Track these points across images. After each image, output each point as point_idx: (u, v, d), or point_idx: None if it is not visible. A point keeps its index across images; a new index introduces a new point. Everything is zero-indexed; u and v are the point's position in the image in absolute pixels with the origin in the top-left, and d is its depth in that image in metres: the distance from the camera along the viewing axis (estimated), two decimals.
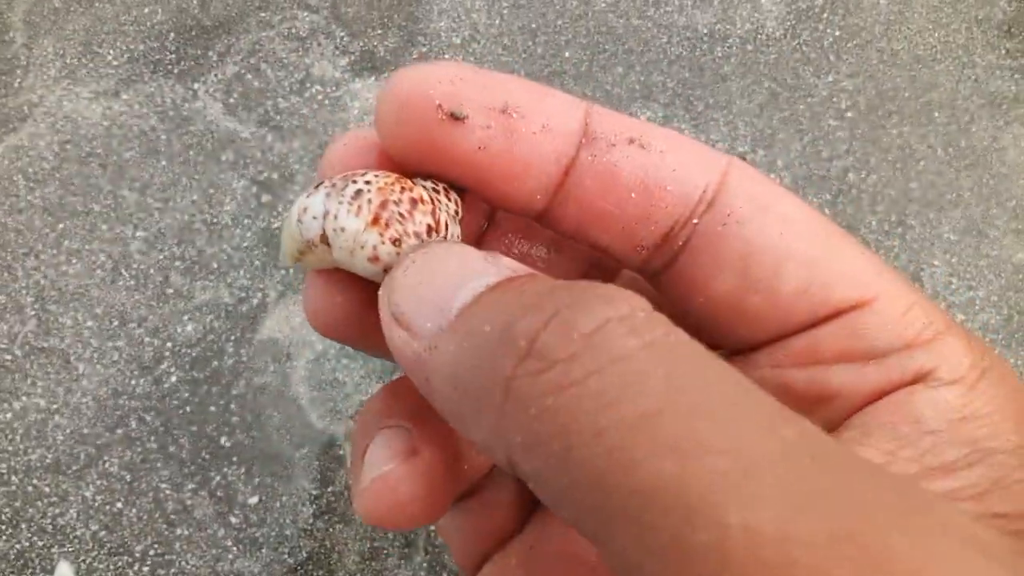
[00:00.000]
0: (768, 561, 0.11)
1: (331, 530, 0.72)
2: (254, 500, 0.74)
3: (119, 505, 0.75)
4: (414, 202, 0.18)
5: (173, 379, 0.79)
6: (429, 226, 0.18)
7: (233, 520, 0.73)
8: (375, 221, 0.17)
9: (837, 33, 0.83)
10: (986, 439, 0.17)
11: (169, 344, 0.80)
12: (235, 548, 0.73)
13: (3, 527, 0.74)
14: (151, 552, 0.73)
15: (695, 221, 0.19)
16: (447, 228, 0.18)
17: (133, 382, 0.79)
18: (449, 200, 0.19)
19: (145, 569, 0.73)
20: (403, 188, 0.18)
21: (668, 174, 0.19)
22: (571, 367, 0.13)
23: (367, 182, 0.18)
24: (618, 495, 0.12)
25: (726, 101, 0.80)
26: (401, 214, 0.17)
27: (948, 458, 0.17)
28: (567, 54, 0.86)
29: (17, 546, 0.74)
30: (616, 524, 0.12)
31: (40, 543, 0.73)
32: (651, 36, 0.85)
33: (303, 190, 0.85)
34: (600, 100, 0.84)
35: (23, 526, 0.74)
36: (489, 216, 0.22)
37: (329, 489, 0.74)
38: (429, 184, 0.18)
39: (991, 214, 0.76)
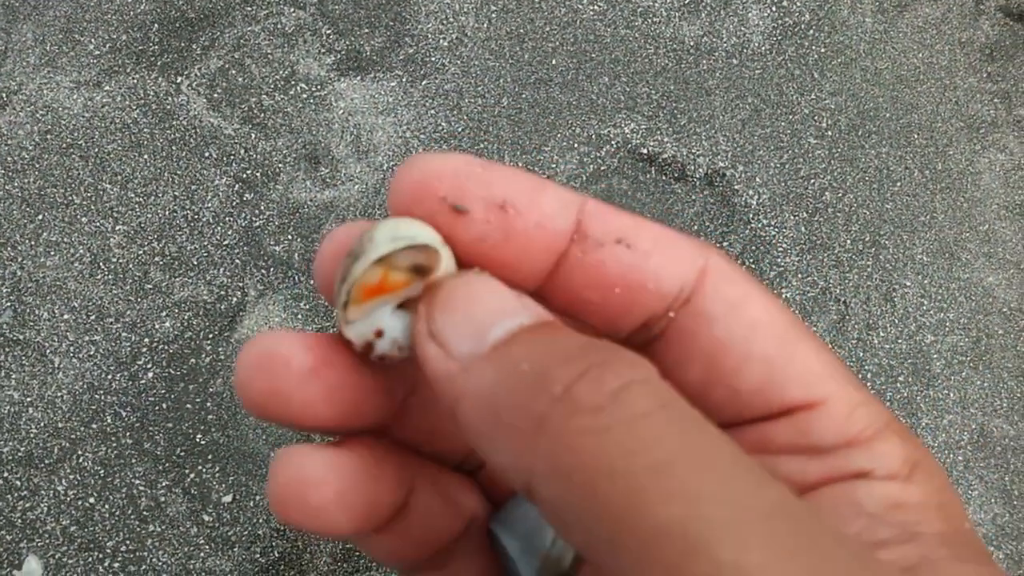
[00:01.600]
0: None
1: (304, 531, 0.72)
2: (228, 499, 0.74)
3: (91, 500, 0.75)
4: None
5: (150, 375, 0.79)
6: None
7: (206, 518, 0.74)
8: None
9: (822, 50, 0.84)
10: (914, 524, 0.19)
11: (147, 340, 0.80)
12: (207, 546, 0.73)
13: None
14: (122, 548, 0.73)
15: (671, 315, 0.21)
16: None
17: (109, 377, 0.79)
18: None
19: (116, 565, 0.73)
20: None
21: (650, 273, 0.21)
22: (600, 416, 0.16)
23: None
24: (630, 529, 0.15)
25: (709, 115, 0.81)
26: None
27: (881, 536, 0.19)
28: (554, 61, 0.86)
29: None
30: (623, 553, 0.15)
31: (8, 537, 0.73)
32: (638, 47, 0.85)
33: (287, 189, 0.85)
34: (585, 110, 0.84)
35: None
36: None
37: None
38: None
39: (963, 237, 0.77)
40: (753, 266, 0.78)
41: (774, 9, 0.88)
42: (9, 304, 0.82)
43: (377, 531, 0.23)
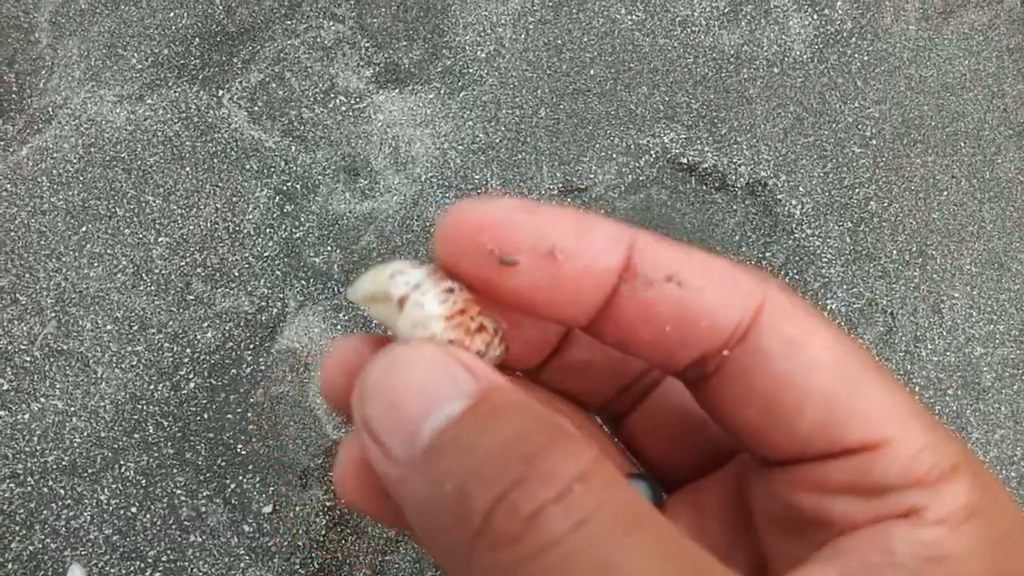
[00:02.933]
0: None
1: (344, 542, 0.72)
2: (268, 509, 0.74)
3: (133, 510, 0.76)
4: (481, 328, 0.20)
5: (191, 385, 0.79)
6: (479, 352, 0.20)
7: (246, 528, 0.74)
8: (449, 317, 0.19)
9: (865, 58, 0.83)
10: None
11: (188, 351, 0.80)
12: (247, 557, 0.73)
13: (17, 528, 0.74)
14: (163, 558, 0.73)
15: (726, 353, 0.20)
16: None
17: (151, 387, 0.80)
18: (499, 345, 0.21)
19: (157, 575, 0.73)
20: (479, 311, 0.20)
21: (703, 310, 0.20)
22: (516, 549, 0.15)
23: (460, 288, 0.20)
24: None
25: (750, 124, 0.80)
26: (468, 328, 0.20)
27: None
28: (592, 72, 0.86)
29: (30, 547, 0.74)
30: None
31: (53, 545, 0.74)
32: (677, 56, 0.85)
33: (327, 201, 0.85)
34: (624, 120, 0.84)
35: (36, 527, 0.75)
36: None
37: (343, 500, 0.74)
38: (492, 324, 0.21)
39: (1013, 247, 0.75)
40: (796, 277, 0.77)
41: (815, 17, 0.87)
42: (54, 315, 0.83)
43: None
